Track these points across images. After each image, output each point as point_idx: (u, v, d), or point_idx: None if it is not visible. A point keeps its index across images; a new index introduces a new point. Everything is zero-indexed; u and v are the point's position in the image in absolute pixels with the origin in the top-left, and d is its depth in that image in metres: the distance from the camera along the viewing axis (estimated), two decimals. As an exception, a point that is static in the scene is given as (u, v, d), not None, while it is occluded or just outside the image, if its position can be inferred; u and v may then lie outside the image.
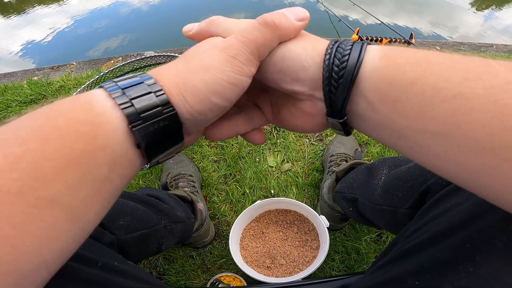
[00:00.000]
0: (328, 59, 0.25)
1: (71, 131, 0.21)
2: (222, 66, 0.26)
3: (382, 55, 0.25)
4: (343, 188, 0.77)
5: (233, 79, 0.26)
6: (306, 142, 1.10)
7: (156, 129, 0.25)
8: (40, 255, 0.21)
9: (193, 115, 0.26)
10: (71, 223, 0.22)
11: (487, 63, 0.21)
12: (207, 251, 0.92)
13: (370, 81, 0.25)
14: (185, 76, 0.26)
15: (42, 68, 1.68)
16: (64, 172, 0.21)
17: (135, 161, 0.25)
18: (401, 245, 0.38)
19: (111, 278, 0.38)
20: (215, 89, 0.25)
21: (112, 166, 0.23)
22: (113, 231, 0.50)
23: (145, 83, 0.25)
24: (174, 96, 0.25)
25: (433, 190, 0.43)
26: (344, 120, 0.27)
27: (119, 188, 0.26)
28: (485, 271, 0.26)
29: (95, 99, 0.23)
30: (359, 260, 0.87)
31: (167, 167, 0.99)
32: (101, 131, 0.22)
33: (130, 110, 0.23)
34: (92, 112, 0.23)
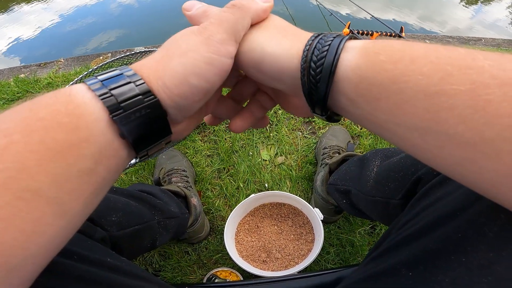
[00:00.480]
0: (304, 62, 0.26)
1: (53, 123, 0.22)
2: (197, 48, 0.26)
3: (363, 53, 0.25)
4: (336, 180, 0.78)
5: (209, 59, 0.26)
6: (299, 135, 1.10)
7: (139, 117, 0.25)
8: (26, 249, 0.21)
9: (174, 100, 0.26)
10: (58, 216, 0.22)
11: (472, 57, 0.21)
12: (202, 246, 0.91)
13: (351, 81, 0.25)
14: (163, 62, 0.26)
15: (28, 66, 1.65)
16: (48, 164, 0.21)
17: (121, 152, 0.25)
18: (394, 236, 0.38)
19: (104, 274, 0.37)
20: (193, 71, 0.26)
21: (97, 158, 0.23)
22: (104, 227, 0.50)
23: (125, 75, 0.25)
24: (154, 84, 0.25)
25: (424, 180, 0.43)
26: (327, 115, 0.29)
27: (107, 181, 0.26)
28: (477, 261, 0.26)
29: (74, 92, 0.24)
30: (354, 252, 0.88)
31: (159, 163, 0.98)
32: (82, 122, 0.22)
33: (111, 100, 0.24)
34: (72, 104, 0.23)
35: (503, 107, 0.19)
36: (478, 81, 0.20)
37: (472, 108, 0.20)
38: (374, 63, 0.24)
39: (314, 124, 1.12)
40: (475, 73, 0.20)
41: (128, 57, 1.32)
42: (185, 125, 0.31)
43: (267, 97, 0.36)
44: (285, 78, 0.28)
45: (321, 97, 0.27)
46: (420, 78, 0.22)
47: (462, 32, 2.82)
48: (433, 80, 0.21)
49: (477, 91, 0.20)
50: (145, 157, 0.29)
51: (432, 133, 0.22)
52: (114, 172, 0.26)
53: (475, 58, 0.21)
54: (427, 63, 0.22)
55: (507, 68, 0.20)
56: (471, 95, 0.20)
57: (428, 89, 0.21)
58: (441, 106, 0.21)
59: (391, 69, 0.23)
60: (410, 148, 0.25)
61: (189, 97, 0.27)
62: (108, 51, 1.68)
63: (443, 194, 0.35)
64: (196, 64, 0.26)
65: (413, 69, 0.22)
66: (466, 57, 0.21)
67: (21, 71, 1.60)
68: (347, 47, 0.25)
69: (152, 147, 0.28)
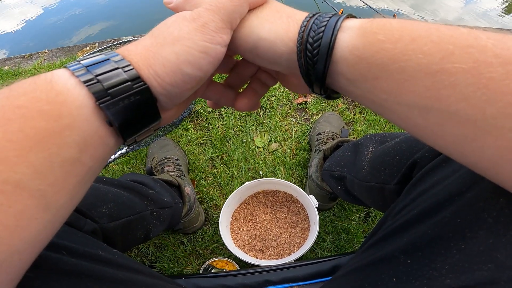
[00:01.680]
0: (300, 45, 0.25)
1: (33, 110, 0.20)
2: (191, 36, 0.25)
3: (361, 33, 0.24)
4: (330, 166, 0.77)
5: (204, 48, 0.25)
6: (292, 121, 1.09)
7: (127, 104, 0.24)
8: (11, 245, 0.20)
9: (166, 88, 0.25)
10: (42, 209, 0.21)
11: (475, 36, 0.21)
12: (198, 236, 0.91)
13: (348, 62, 0.25)
14: (154, 50, 0.25)
15: (12, 58, 1.60)
16: (28, 154, 0.20)
17: (107, 140, 0.24)
18: (390, 223, 0.38)
19: (96, 268, 0.36)
20: (187, 59, 0.25)
21: (82, 147, 0.22)
22: (95, 219, 0.48)
23: (112, 60, 0.24)
24: (144, 70, 0.25)
25: (420, 164, 0.42)
26: (326, 95, 0.28)
27: (93, 170, 0.25)
28: (477, 248, 0.26)
29: (55, 78, 0.22)
30: (349, 240, 0.88)
31: (152, 152, 0.96)
32: (64, 109, 0.21)
33: (97, 87, 0.23)
34: (54, 91, 0.22)
35: (506, 84, 0.19)
36: (480, 60, 0.20)
37: (474, 86, 0.20)
38: (372, 43, 0.23)
39: (307, 111, 1.11)
40: (477, 52, 0.20)
41: (116, 47, 1.29)
42: (174, 111, 0.30)
43: (268, 75, 0.36)
44: (282, 61, 0.28)
45: (319, 78, 0.26)
46: (421, 57, 0.21)
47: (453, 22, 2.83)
48: (435, 59, 0.21)
49: (479, 69, 0.20)
50: (133, 144, 0.28)
51: (433, 111, 0.22)
52: (100, 161, 0.25)
53: (478, 37, 0.21)
54: (428, 42, 0.22)
55: (510, 47, 0.20)
56: (473, 73, 0.20)
57: (429, 67, 0.21)
58: (442, 84, 0.21)
59: (391, 49, 0.23)
60: (411, 127, 0.25)
61: (181, 85, 0.26)
62: (95, 41, 1.63)
63: (440, 178, 0.35)
64: (189, 52, 0.25)
65: (414, 48, 0.22)
66: (468, 36, 0.21)
67: (5, 63, 1.56)
68: (343, 27, 0.25)
69: (140, 134, 0.27)
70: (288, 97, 1.14)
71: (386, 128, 1.05)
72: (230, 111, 1.09)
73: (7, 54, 2.56)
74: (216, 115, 1.10)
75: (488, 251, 0.25)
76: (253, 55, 0.29)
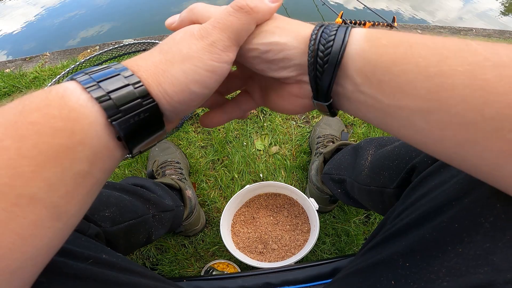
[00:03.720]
0: (313, 44, 0.26)
1: (47, 127, 0.21)
2: (200, 55, 0.25)
3: (367, 38, 0.25)
4: (330, 169, 0.78)
5: (211, 67, 0.26)
6: (293, 124, 1.09)
7: (137, 121, 0.24)
8: (25, 252, 0.21)
9: (173, 105, 0.26)
10: (54, 219, 0.22)
11: (466, 43, 0.22)
12: (199, 239, 0.91)
13: (356, 64, 0.25)
14: (163, 67, 0.25)
15: (14, 60, 1.61)
16: (43, 169, 0.20)
17: (116, 153, 0.25)
18: (389, 226, 0.38)
19: (99, 271, 0.37)
20: (195, 79, 0.25)
21: (92, 160, 0.23)
22: (98, 223, 0.49)
23: (122, 75, 0.24)
24: (153, 88, 0.25)
25: (419, 169, 0.43)
26: (330, 102, 0.28)
27: (101, 181, 0.25)
28: (474, 251, 0.26)
29: (68, 93, 0.22)
30: (349, 242, 0.88)
31: (153, 155, 0.96)
32: (78, 126, 0.22)
33: (109, 103, 0.23)
34: (67, 107, 0.22)
35: (501, 85, 0.19)
36: (474, 63, 0.21)
37: (471, 88, 0.20)
38: (377, 47, 0.24)
39: (307, 114, 1.11)
40: (470, 56, 0.21)
41: (117, 50, 1.29)
42: (176, 122, 0.31)
43: (247, 99, 0.36)
44: (291, 65, 0.28)
45: (328, 81, 0.26)
46: (419, 60, 0.22)
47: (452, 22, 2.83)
48: (432, 62, 0.22)
49: (474, 71, 0.20)
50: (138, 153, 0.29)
51: (435, 112, 0.22)
52: (108, 172, 0.26)
53: (468, 44, 0.22)
54: (424, 47, 0.23)
55: (499, 52, 0.20)
56: (469, 75, 0.20)
57: (428, 70, 0.22)
58: (441, 87, 0.21)
59: (393, 52, 0.24)
60: (412, 133, 0.25)
61: (188, 103, 0.27)
62: (96, 44, 1.64)
63: (438, 183, 0.35)
64: (197, 72, 0.25)
65: (412, 52, 0.23)
66: (460, 43, 0.22)
67: (6, 65, 1.56)
68: (352, 33, 0.26)
69: (144, 144, 0.27)
70: (288, 100, 1.14)
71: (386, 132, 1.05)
72: (230, 114, 1.10)
73: (8, 55, 2.56)
74: (217, 118, 1.10)
75: (484, 255, 0.25)
76: (260, 60, 0.29)
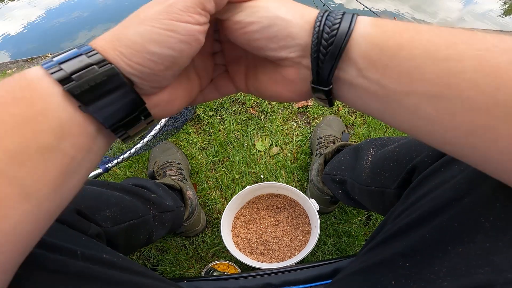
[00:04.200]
0: (318, 26, 0.25)
1: (7, 98, 0.22)
2: (156, 15, 0.25)
3: (373, 23, 0.25)
4: (331, 170, 0.78)
5: (170, 26, 0.25)
6: (293, 125, 1.09)
7: (94, 86, 0.24)
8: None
9: (135, 67, 0.25)
10: (22, 198, 0.21)
11: (472, 32, 0.22)
12: (199, 239, 0.91)
13: (361, 48, 0.25)
14: (118, 33, 0.25)
15: (15, 61, 1.61)
16: (3, 139, 0.20)
17: (87, 128, 0.25)
18: (390, 226, 0.38)
19: (101, 270, 0.37)
20: (152, 38, 0.24)
21: (59, 134, 0.23)
22: (98, 223, 0.49)
23: (77, 49, 0.25)
24: (109, 53, 0.25)
25: (419, 169, 0.43)
26: (330, 88, 0.27)
27: (78, 161, 0.24)
28: (474, 251, 0.26)
29: (27, 72, 0.23)
30: (350, 243, 0.88)
31: (153, 156, 0.96)
32: (36, 95, 0.22)
33: (60, 73, 0.23)
34: (25, 80, 0.23)
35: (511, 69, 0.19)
36: (483, 48, 0.20)
37: (482, 72, 0.20)
38: (383, 31, 0.24)
39: (308, 114, 1.11)
40: (478, 43, 0.21)
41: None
42: (166, 96, 0.29)
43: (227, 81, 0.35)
44: (293, 44, 0.27)
45: (330, 64, 0.26)
46: (428, 45, 0.22)
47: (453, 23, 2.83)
48: (441, 47, 0.22)
49: (484, 56, 0.20)
50: (126, 137, 0.28)
51: (444, 99, 0.22)
52: (84, 151, 0.25)
53: (475, 33, 0.22)
54: (431, 33, 0.23)
55: (506, 40, 0.20)
56: (479, 60, 0.20)
57: (437, 54, 0.22)
58: (451, 71, 0.21)
59: (400, 37, 0.23)
60: (418, 122, 0.24)
61: (151, 65, 0.25)
62: (97, 45, 1.64)
63: (438, 183, 0.35)
64: (154, 31, 0.24)
65: (420, 37, 0.23)
66: (466, 32, 0.22)
67: (8, 66, 1.57)
68: (358, 18, 0.26)
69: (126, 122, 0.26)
70: (289, 101, 1.14)
71: (387, 131, 1.06)
72: (231, 115, 1.10)
73: (10, 56, 2.57)
74: (218, 119, 1.10)
75: (485, 254, 0.25)
76: (262, 35, 0.27)
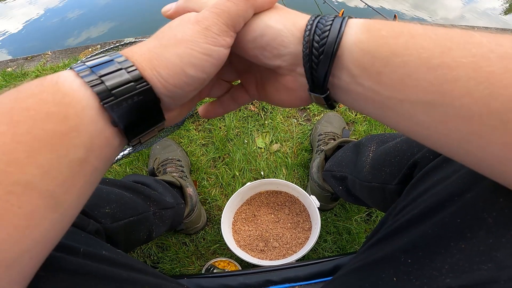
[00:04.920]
0: (308, 35, 0.26)
1: (41, 112, 0.21)
2: (194, 38, 0.25)
3: (365, 29, 0.25)
4: (332, 167, 0.77)
5: (207, 50, 0.25)
6: (294, 122, 1.09)
7: (131, 104, 0.24)
8: (22, 243, 0.20)
9: (169, 89, 0.26)
10: (51, 209, 0.22)
11: (469, 34, 0.21)
12: (200, 237, 0.91)
13: (353, 55, 0.25)
14: (157, 51, 0.25)
15: (15, 59, 1.61)
16: (37, 155, 0.20)
17: (113, 141, 0.25)
18: (391, 223, 0.38)
19: (100, 267, 0.37)
20: (190, 61, 0.25)
21: (89, 147, 0.23)
22: (98, 220, 0.49)
23: (115, 61, 0.24)
24: (147, 71, 0.25)
25: (421, 165, 0.42)
26: (326, 94, 0.28)
27: (99, 171, 0.25)
28: (477, 247, 0.26)
29: (61, 80, 0.23)
30: (351, 240, 0.88)
31: (154, 153, 0.96)
32: (71, 111, 0.22)
33: (100, 87, 0.23)
34: (60, 93, 0.22)
35: (506, 78, 0.19)
36: (478, 54, 0.20)
37: (476, 80, 0.20)
38: (376, 37, 0.24)
39: (309, 111, 1.11)
40: (474, 48, 0.20)
41: (118, 48, 1.29)
42: (178, 112, 0.31)
43: (242, 92, 0.36)
44: (285, 53, 0.27)
45: (323, 72, 0.26)
46: (421, 52, 0.22)
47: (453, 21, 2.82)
48: (435, 53, 0.21)
49: (479, 63, 0.20)
50: (138, 144, 0.28)
51: (437, 106, 0.22)
52: (106, 161, 0.25)
53: (472, 35, 0.21)
54: (426, 38, 0.22)
55: (503, 44, 0.20)
56: (473, 67, 0.20)
57: (430, 61, 0.21)
58: (444, 78, 0.21)
59: (393, 43, 0.23)
60: (413, 127, 0.25)
61: (184, 87, 0.26)
62: (97, 43, 1.64)
63: (440, 178, 0.35)
64: (193, 55, 0.25)
65: (414, 43, 0.22)
66: (464, 34, 0.21)
67: (8, 64, 1.57)
68: (349, 23, 0.25)
69: (144, 134, 0.27)
70: (289, 98, 1.14)
71: (388, 128, 1.05)
72: (231, 112, 1.10)
73: (10, 54, 2.57)
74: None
75: (488, 251, 0.25)
76: (256, 45, 0.28)
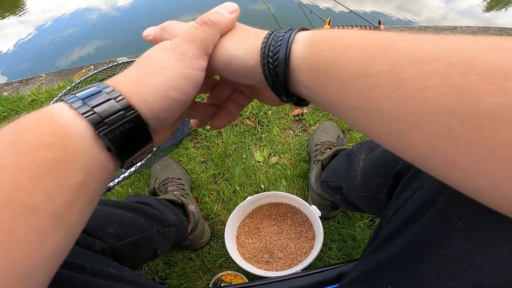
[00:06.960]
0: (263, 58, 0.29)
1: (41, 143, 0.23)
2: (173, 64, 0.28)
3: (308, 44, 0.27)
4: (327, 177, 0.78)
5: (186, 74, 0.28)
6: (290, 133, 1.11)
7: (122, 131, 0.26)
8: (32, 259, 0.22)
9: (155, 113, 0.28)
10: (57, 227, 0.23)
11: (394, 39, 0.23)
12: (205, 251, 0.92)
13: (302, 70, 0.28)
14: (141, 79, 0.28)
15: (10, 83, 1.61)
16: (41, 181, 0.22)
17: (108, 164, 0.27)
18: (384, 230, 0.39)
19: (107, 284, 0.38)
20: (172, 85, 0.28)
21: (87, 171, 0.25)
22: (103, 239, 0.50)
23: (104, 92, 0.26)
24: (134, 99, 0.27)
25: (404, 174, 0.43)
26: (294, 101, 0.31)
27: (98, 192, 0.27)
28: (455, 253, 0.26)
29: (56, 112, 0.25)
30: (356, 246, 0.88)
31: (154, 173, 0.97)
32: (68, 141, 0.24)
33: (94, 117, 0.25)
34: (57, 124, 0.24)
35: (417, 83, 0.21)
36: (395, 62, 0.22)
37: (393, 86, 0.22)
38: (317, 52, 0.26)
39: (304, 122, 1.13)
40: (393, 55, 0.22)
41: (111, 68, 1.30)
42: (163, 133, 0.34)
43: (243, 95, 0.38)
44: (252, 75, 0.30)
45: (283, 87, 0.29)
46: (351, 63, 0.24)
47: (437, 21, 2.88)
48: (361, 63, 0.24)
49: (395, 70, 0.22)
50: (130, 166, 0.30)
51: (369, 110, 0.24)
52: (103, 183, 0.27)
53: (395, 40, 0.23)
54: (355, 48, 0.24)
55: (421, 47, 0.22)
56: (391, 75, 0.22)
57: (358, 71, 0.24)
58: (369, 86, 0.23)
59: (330, 56, 0.25)
60: (360, 128, 0.27)
61: (169, 109, 0.28)
62: (90, 63, 1.65)
63: (419, 185, 0.35)
64: (173, 79, 0.28)
65: (346, 54, 0.25)
66: (388, 41, 0.23)
67: (4, 89, 1.57)
68: (296, 40, 0.28)
69: (136, 156, 0.29)
70: (284, 110, 1.16)
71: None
72: (228, 128, 1.11)
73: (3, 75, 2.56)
74: (215, 132, 1.11)
75: (466, 256, 0.25)
76: (227, 72, 0.31)
